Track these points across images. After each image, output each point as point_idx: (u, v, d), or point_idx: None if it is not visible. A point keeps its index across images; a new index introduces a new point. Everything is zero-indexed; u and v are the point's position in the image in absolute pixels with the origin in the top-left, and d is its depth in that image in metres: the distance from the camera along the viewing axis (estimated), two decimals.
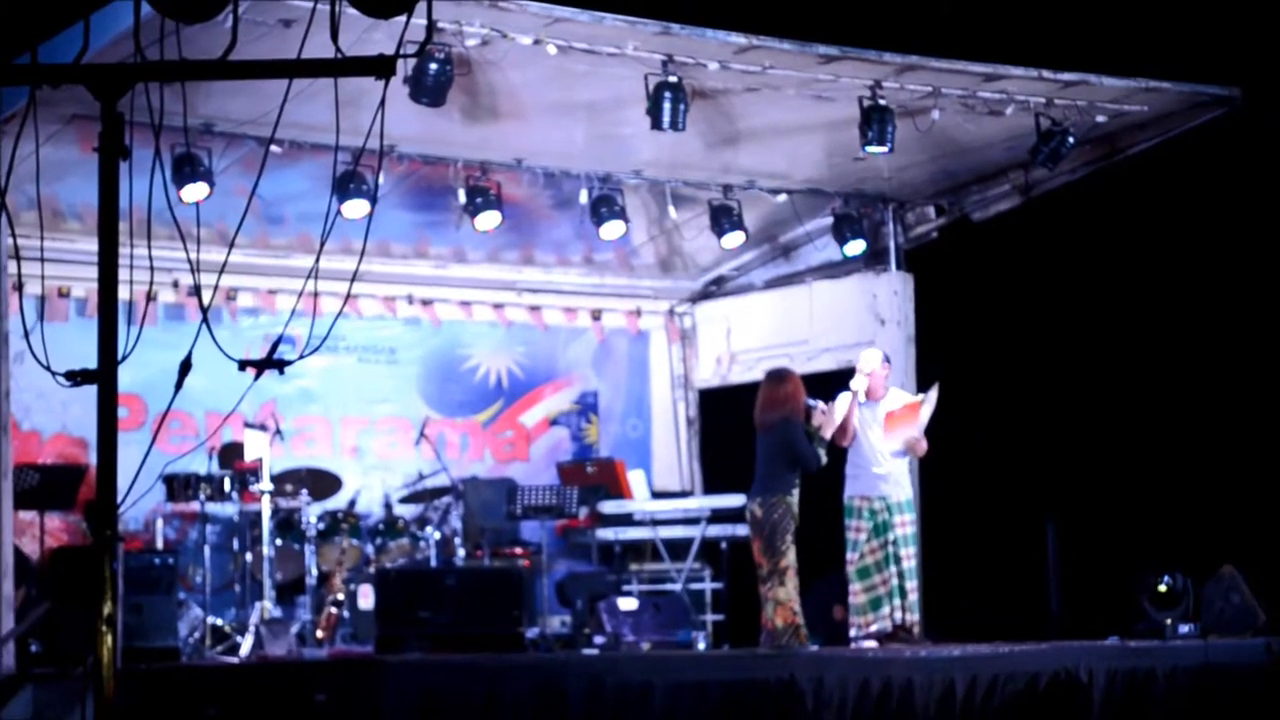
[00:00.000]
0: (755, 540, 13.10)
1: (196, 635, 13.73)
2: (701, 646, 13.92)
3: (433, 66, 11.73)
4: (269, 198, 14.54)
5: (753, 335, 17.55)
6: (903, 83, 13.17)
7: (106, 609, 5.12)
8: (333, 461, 16.15)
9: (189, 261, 5.93)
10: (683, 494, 17.48)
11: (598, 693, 10.29)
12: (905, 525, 13.40)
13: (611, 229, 15.08)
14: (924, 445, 13.50)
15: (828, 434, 13.18)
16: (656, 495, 17.08)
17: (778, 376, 13.45)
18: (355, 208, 13.25)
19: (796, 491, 12.96)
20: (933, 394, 13.42)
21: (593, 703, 10.26)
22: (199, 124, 12.74)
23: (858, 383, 13.43)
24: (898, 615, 13.31)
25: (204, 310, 6.05)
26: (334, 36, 5.59)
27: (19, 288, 12.12)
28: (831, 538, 13.59)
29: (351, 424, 16.72)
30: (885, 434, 13.43)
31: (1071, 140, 13.85)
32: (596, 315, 17.95)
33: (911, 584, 13.37)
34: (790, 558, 12.87)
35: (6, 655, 11.61)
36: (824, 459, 13.06)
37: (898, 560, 13.35)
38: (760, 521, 13.00)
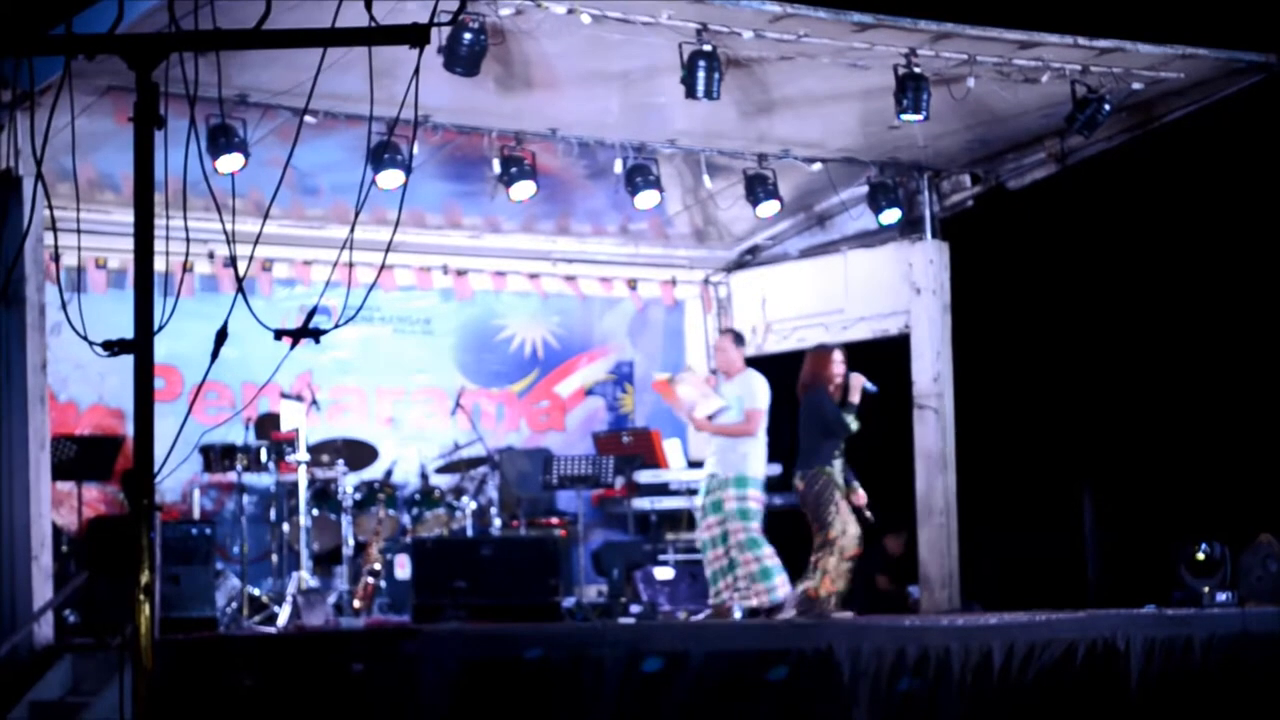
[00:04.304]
0: (805, 513, 13.29)
1: (234, 605, 13.78)
2: (738, 615, 13.88)
3: (467, 36, 11.70)
4: (304, 168, 14.53)
5: (788, 304, 17.50)
6: (937, 50, 13.13)
7: (144, 579, 5.12)
8: (369, 432, 16.17)
9: (224, 232, 5.92)
10: None
11: (634, 662, 10.29)
12: (731, 501, 13.45)
13: (646, 198, 15.05)
14: (702, 422, 13.75)
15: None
16: (692, 464, 17.03)
17: (811, 351, 13.85)
18: (390, 178, 13.22)
19: (839, 462, 13.12)
20: (684, 374, 14.03)
21: (629, 672, 10.26)
22: (234, 95, 12.74)
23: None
24: (726, 593, 13.36)
25: (239, 281, 6.05)
26: (368, 6, 5.58)
27: (56, 259, 12.20)
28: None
29: (387, 394, 16.72)
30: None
31: (1107, 107, 13.79)
32: (632, 285, 17.92)
33: (740, 557, 13.35)
34: (839, 527, 12.97)
35: (45, 626, 11.67)
36: (852, 426, 13.19)
37: (725, 538, 13.40)
38: (803, 495, 13.31)
